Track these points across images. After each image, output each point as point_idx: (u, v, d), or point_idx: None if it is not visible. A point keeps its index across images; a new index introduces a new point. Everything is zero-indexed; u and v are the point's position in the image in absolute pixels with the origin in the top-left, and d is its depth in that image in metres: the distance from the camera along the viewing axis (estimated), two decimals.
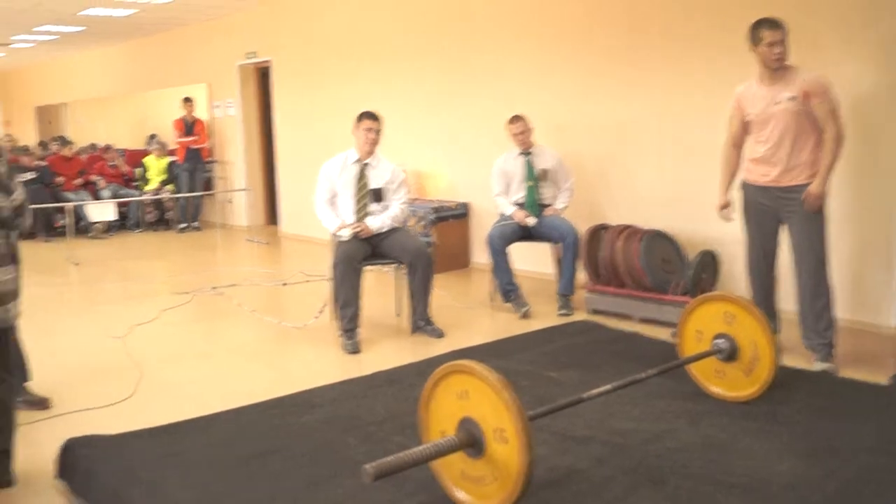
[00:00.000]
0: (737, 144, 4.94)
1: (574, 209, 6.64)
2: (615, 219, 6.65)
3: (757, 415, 3.85)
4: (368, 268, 5.69)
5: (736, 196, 5.03)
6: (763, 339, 3.94)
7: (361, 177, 5.69)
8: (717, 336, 4.03)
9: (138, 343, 5.55)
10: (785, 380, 4.12)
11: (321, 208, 5.72)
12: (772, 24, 4.60)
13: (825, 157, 4.55)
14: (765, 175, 4.73)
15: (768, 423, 3.74)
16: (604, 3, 6.90)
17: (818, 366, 4.65)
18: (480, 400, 2.79)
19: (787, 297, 5.05)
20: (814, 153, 4.60)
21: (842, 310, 5.09)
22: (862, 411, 3.94)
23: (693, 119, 6.26)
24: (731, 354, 4.00)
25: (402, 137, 8.26)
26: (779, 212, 4.76)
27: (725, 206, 4.99)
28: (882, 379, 4.47)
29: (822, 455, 3.39)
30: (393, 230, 5.68)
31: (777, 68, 4.62)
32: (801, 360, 4.75)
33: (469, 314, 6.32)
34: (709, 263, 5.81)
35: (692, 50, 6.29)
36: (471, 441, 2.81)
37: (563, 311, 6.15)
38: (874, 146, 5.33)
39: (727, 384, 4.07)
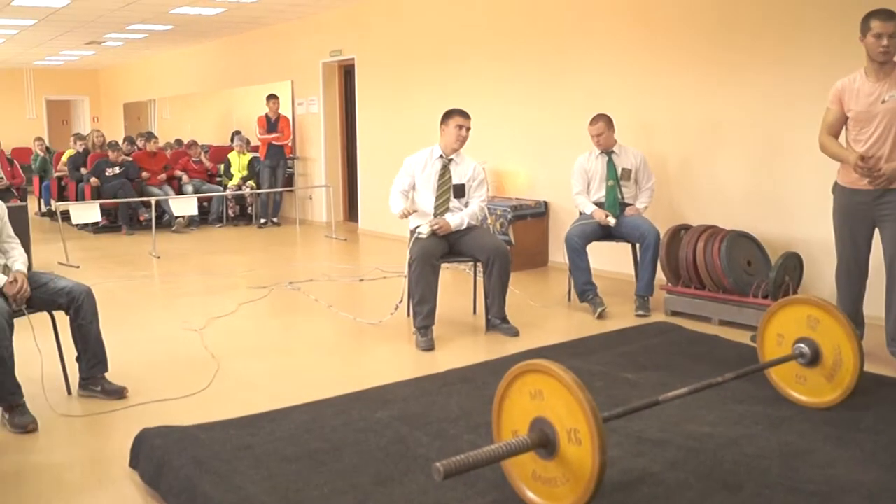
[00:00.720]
0: (833, 135, 4.72)
1: (655, 209, 6.53)
2: (696, 219, 6.51)
3: (838, 422, 3.71)
4: (445, 265, 5.67)
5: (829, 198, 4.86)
6: (847, 344, 3.81)
7: (444, 172, 5.68)
8: (799, 340, 3.91)
9: (216, 336, 5.63)
10: (868, 387, 3.97)
11: (395, 195, 5.72)
12: (885, 14, 4.39)
13: None
14: (860, 179, 4.54)
15: (850, 431, 3.61)
16: (690, 2, 6.77)
17: None
18: (554, 400, 2.74)
19: (872, 301, 4.88)
20: None
21: (868, 307, 4.91)
22: None
23: (780, 118, 6.10)
24: (813, 359, 3.87)
25: (483, 135, 8.22)
26: (874, 216, 4.58)
27: (863, 158, 4.47)
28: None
29: None
30: (471, 228, 5.66)
31: (884, 62, 4.43)
32: (885, 367, 4.59)
33: (545, 313, 6.26)
34: (793, 266, 5.63)
35: (784, 47, 6.12)
36: (543, 441, 2.77)
37: (640, 312, 6.05)
38: None
39: (808, 389, 3.94)
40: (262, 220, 11.92)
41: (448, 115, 5.74)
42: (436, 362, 4.94)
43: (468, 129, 5.70)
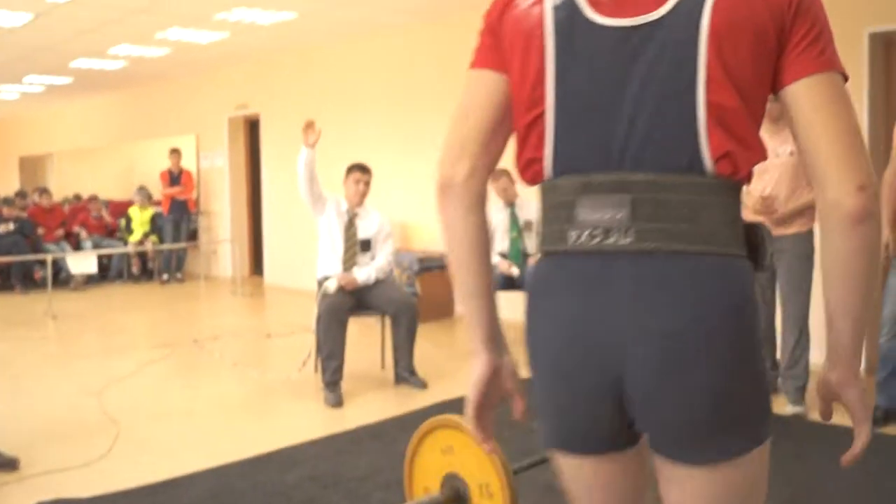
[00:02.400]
0: None
1: None
2: None
3: None
4: (352, 319, 5.66)
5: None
6: None
7: (350, 226, 5.69)
8: None
9: (116, 399, 5.46)
10: None
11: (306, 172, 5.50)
12: None
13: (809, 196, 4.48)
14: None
15: None
16: None
17: (790, 409, 4.72)
18: (465, 455, 2.76)
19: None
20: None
21: (814, 355, 5.12)
22: (834, 454, 3.92)
23: None
24: None
25: (388, 187, 8.28)
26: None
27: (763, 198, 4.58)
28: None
29: (800, 501, 3.37)
30: (378, 281, 5.67)
31: (776, 119, 4.47)
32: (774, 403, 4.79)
33: (453, 364, 6.28)
34: None
35: None
36: (455, 497, 2.78)
37: None
38: None
39: None
40: (165, 277, 11.68)
41: (348, 170, 5.78)
42: (345, 418, 4.90)
43: (367, 183, 5.74)
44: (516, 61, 1.41)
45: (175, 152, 11.70)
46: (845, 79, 1.34)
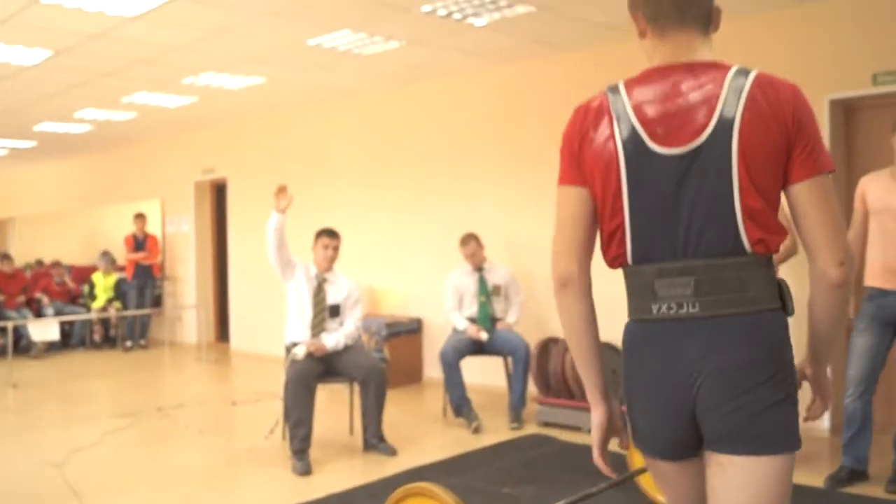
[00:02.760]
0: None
1: (524, 323, 6.70)
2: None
3: None
4: (320, 385, 5.64)
5: None
6: None
7: (319, 292, 5.70)
8: None
9: (78, 470, 5.36)
10: None
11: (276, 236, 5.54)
12: None
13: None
14: None
15: None
16: (556, 124, 7.12)
17: None
18: None
19: None
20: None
21: None
22: None
23: None
24: None
25: (356, 253, 8.30)
26: None
27: None
28: (818, 482, 4.54)
29: None
30: (346, 347, 5.66)
31: None
32: None
33: (422, 430, 6.26)
34: None
35: None
36: None
37: (514, 425, 6.13)
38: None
39: None
40: (129, 343, 11.53)
41: (316, 235, 5.82)
42: (314, 487, 4.85)
43: (336, 248, 5.78)
44: (598, 182, 1.90)
45: (140, 217, 11.66)
46: (832, 170, 1.84)
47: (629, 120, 1.86)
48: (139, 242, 11.57)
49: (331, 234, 5.81)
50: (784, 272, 4.88)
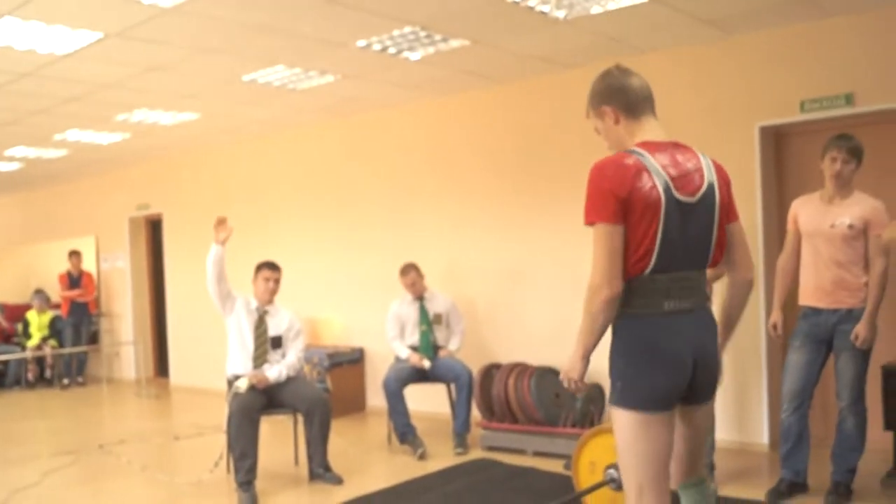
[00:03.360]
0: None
1: (467, 350, 6.81)
2: (506, 357, 6.84)
3: None
4: (263, 417, 5.67)
5: None
6: None
7: (260, 324, 5.74)
8: (610, 466, 4.18)
9: None
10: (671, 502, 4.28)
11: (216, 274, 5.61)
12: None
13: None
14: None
15: None
16: (492, 153, 7.29)
17: None
18: None
19: None
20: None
21: (720, 430, 5.38)
22: None
23: (578, 257, 6.53)
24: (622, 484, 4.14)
25: (296, 284, 8.34)
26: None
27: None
28: (759, 495, 4.72)
29: None
30: (289, 379, 5.71)
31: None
32: None
33: (367, 458, 6.32)
34: (595, 396, 6.01)
35: (581, 189, 6.67)
36: None
37: (459, 450, 6.22)
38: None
39: None
40: (66, 381, 11.33)
41: (257, 268, 5.88)
42: None
43: (277, 280, 5.84)
44: (644, 220, 2.64)
45: (74, 254, 11.51)
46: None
47: (662, 176, 2.65)
48: (74, 280, 11.42)
49: (272, 266, 5.86)
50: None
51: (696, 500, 2.97)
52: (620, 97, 2.80)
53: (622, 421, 2.72)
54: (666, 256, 2.64)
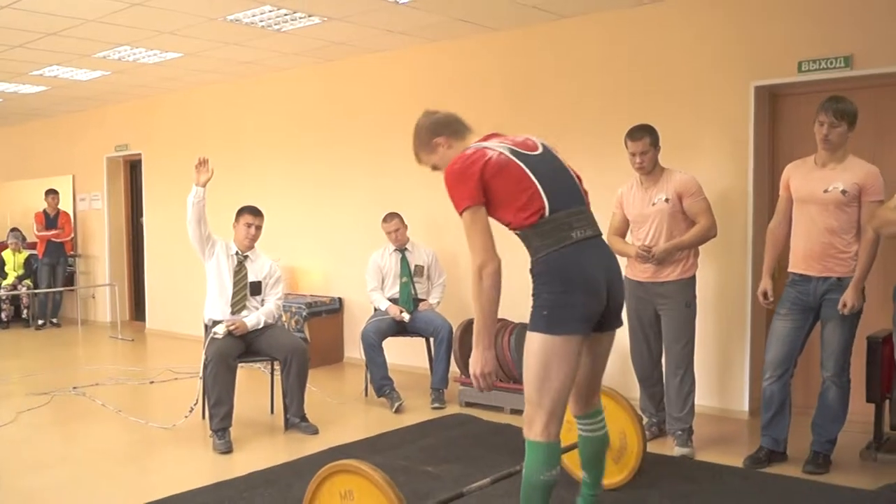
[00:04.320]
0: (619, 235, 5.21)
1: (447, 304, 6.76)
2: None
3: (626, 501, 3.99)
4: (240, 365, 5.61)
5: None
6: (631, 428, 4.10)
7: (240, 269, 5.66)
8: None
9: None
10: (649, 467, 4.27)
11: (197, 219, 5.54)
12: (632, 134, 4.92)
13: (688, 234, 4.88)
14: (643, 272, 4.97)
15: None
16: (479, 103, 7.17)
17: (678, 451, 4.89)
18: (365, 499, 2.79)
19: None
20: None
21: (700, 396, 5.35)
22: (722, 493, 4.13)
23: None
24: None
25: (276, 231, 8.22)
26: (655, 305, 5.01)
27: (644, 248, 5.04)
28: (737, 461, 4.71)
29: None
30: (267, 326, 5.64)
31: (644, 175, 4.95)
32: (661, 445, 5.03)
33: (343, 409, 6.28)
34: None
35: (573, 148, 6.57)
36: None
37: (436, 405, 6.19)
38: (729, 238, 5.67)
39: None
40: (41, 322, 11.21)
41: (238, 213, 5.77)
42: (236, 465, 4.83)
43: (258, 227, 5.74)
44: (511, 176, 3.02)
45: (52, 193, 11.32)
46: None
47: (503, 145, 3.14)
48: (50, 219, 11.26)
49: (254, 211, 5.76)
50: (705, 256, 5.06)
51: (593, 429, 3.34)
52: (445, 128, 3.41)
53: (546, 346, 2.93)
54: (553, 195, 2.98)
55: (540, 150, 3.13)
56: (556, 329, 2.91)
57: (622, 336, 5.47)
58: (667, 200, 4.90)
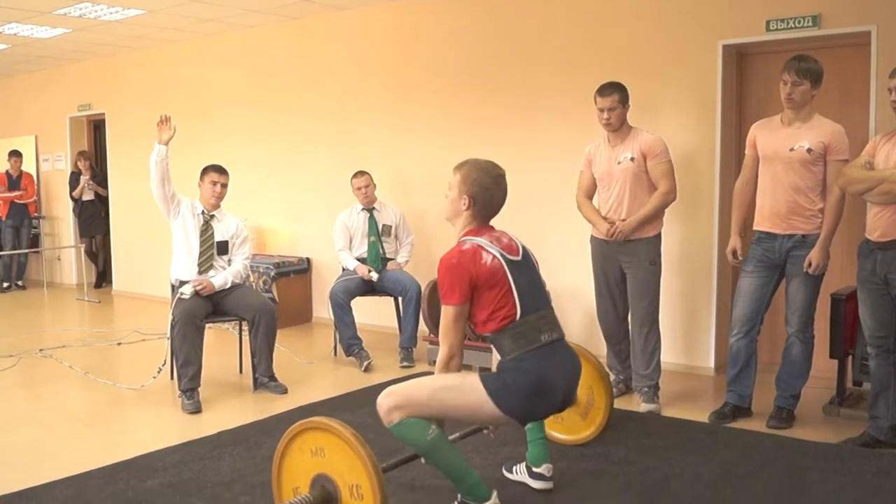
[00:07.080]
0: (587, 196, 5.23)
1: (415, 263, 6.76)
2: None
3: (592, 456, 4.05)
4: (208, 325, 5.58)
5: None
6: (599, 384, 4.15)
7: (206, 229, 5.62)
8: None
9: None
10: (615, 422, 4.33)
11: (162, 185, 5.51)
12: (602, 90, 4.91)
13: (648, 204, 4.92)
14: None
15: (604, 464, 3.94)
16: (444, 63, 7.13)
17: (644, 407, 4.96)
18: (336, 457, 2.81)
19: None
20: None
21: (666, 354, 5.42)
22: (687, 447, 4.20)
23: (530, 174, 6.48)
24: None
25: (243, 192, 8.16)
26: (621, 264, 5.04)
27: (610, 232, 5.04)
28: (703, 417, 4.79)
29: (655, 492, 3.59)
30: (235, 286, 5.62)
31: (612, 132, 4.94)
32: (627, 402, 5.11)
33: (312, 369, 6.29)
34: None
35: (532, 106, 6.58)
36: (326, 498, 2.83)
37: (404, 364, 6.22)
38: (696, 197, 5.72)
39: (565, 428, 4.25)
40: (6, 284, 11.07)
41: (204, 171, 5.72)
42: (204, 425, 4.84)
43: (224, 185, 5.69)
44: (497, 284, 3.20)
45: (15, 154, 11.13)
46: None
47: (495, 247, 3.30)
48: (13, 181, 11.08)
49: (219, 170, 5.71)
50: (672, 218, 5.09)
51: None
52: (484, 200, 3.45)
53: (478, 397, 3.14)
54: (526, 301, 3.21)
55: (520, 255, 3.33)
56: (499, 401, 3.11)
57: (588, 294, 5.57)
58: (632, 159, 4.92)
